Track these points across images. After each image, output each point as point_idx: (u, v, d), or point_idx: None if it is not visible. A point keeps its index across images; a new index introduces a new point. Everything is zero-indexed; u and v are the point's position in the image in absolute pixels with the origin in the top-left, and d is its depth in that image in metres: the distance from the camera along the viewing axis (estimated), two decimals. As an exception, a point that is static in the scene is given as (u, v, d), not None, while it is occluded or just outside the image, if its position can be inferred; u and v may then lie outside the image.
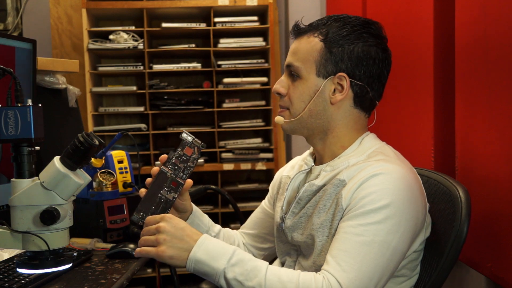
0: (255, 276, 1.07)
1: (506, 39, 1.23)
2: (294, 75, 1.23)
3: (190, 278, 3.09)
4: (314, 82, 1.21)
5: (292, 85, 1.24)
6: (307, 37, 1.23)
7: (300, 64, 1.22)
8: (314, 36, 1.22)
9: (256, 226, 1.48)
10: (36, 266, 1.07)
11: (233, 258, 1.09)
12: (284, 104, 1.26)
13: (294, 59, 1.23)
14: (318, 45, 1.21)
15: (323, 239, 1.16)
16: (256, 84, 3.13)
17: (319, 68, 1.21)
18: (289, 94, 1.24)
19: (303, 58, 1.22)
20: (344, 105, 1.22)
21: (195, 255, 1.09)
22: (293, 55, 1.24)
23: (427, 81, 1.65)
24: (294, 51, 1.24)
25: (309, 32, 1.24)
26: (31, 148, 1.07)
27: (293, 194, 1.29)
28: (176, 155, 1.25)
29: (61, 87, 2.00)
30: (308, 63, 1.21)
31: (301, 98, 1.22)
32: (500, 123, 1.26)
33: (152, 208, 1.23)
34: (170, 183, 1.24)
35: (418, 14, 1.71)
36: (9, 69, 1.08)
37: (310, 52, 1.21)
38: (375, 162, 1.15)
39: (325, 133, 1.24)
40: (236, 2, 3.03)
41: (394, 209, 1.08)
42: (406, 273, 1.21)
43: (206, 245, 1.10)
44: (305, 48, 1.22)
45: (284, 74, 1.27)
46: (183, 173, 1.25)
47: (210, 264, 1.09)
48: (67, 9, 3.25)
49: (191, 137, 1.26)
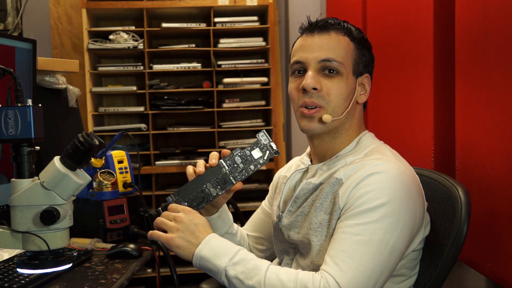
0: (256, 275, 1.07)
1: (506, 39, 1.23)
2: (332, 71, 1.19)
3: (190, 278, 3.09)
4: (352, 80, 1.22)
5: (329, 81, 1.19)
6: (336, 35, 1.21)
7: (343, 60, 1.20)
8: (342, 34, 1.22)
9: (256, 228, 1.48)
10: (36, 266, 1.07)
11: (236, 257, 1.10)
12: (320, 101, 1.19)
13: (335, 55, 1.19)
14: (351, 44, 1.22)
15: (321, 239, 1.16)
16: (256, 84, 3.13)
17: (355, 67, 1.22)
18: (327, 90, 1.18)
19: (343, 54, 1.20)
20: (361, 105, 1.26)
21: (201, 251, 1.11)
22: (331, 51, 1.19)
23: (427, 81, 1.65)
24: (331, 46, 1.19)
25: (336, 29, 1.22)
26: (31, 148, 1.06)
27: (290, 193, 1.29)
28: (240, 154, 1.18)
29: (61, 87, 2.00)
30: (347, 61, 1.21)
31: (342, 95, 1.20)
32: (500, 123, 1.26)
33: (190, 196, 1.19)
34: (221, 179, 1.18)
35: (418, 14, 1.71)
36: (9, 69, 1.08)
37: (347, 50, 1.21)
38: (372, 161, 1.15)
39: (341, 131, 1.23)
40: (236, 2, 3.03)
41: (391, 207, 1.08)
42: (405, 273, 1.21)
43: (211, 243, 1.12)
44: (341, 45, 1.21)
45: (311, 70, 1.19)
46: (238, 174, 1.18)
47: (213, 261, 1.10)
48: (67, 9, 3.25)
49: (267, 140, 1.17)
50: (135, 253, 1.50)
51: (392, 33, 1.97)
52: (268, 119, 3.21)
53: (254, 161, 1.17)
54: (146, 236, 1.62)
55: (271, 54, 3.08)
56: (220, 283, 1.13)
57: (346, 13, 2.59)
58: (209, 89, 3.12)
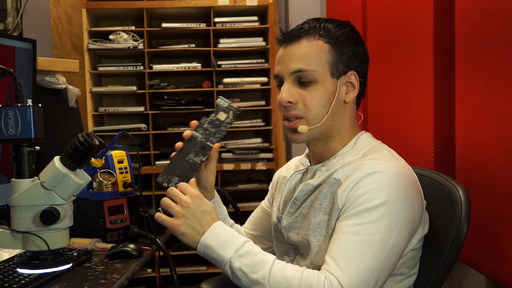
0: (260, 269, 1.07)
1: (507, 39, 1.23)
2: (305, 81, 1.19)
3: (190, 278, 3.09)
4: (331, 83, 1.19)
5: (304, 92, 1.19)
6: (308, 41, 1.20)
7: (314, 68, 1.18)
8: (315, 38, 1.20)
9: (256, 227, 1.48)
10: (36, 266, 1.07)
11: (242, 248, 1.09)
12: (298, 113, 1.19)
13: (304, 64, 1.18)
14: (325, 46, 1.19)
15: (321, 239, 1.16)
16: (256, 84, 3.13)
17: (333, 69, 1.19)
18: (304, 101, 1.19)
19: (315, 61, 1.18)
20: (351, 103, 1.24)
21: (206, 240, 1.11)
22: (301, 60, 1.19)
23: (427, 81, 1.65)
24: (301, 56, 1.19)
25: (307, 35, 1.20)
26: (31, 148, 1.06)
27: (289, 194, 1.30)
28: (208, 120, 1.24)
29: (61, 87, 2.00)
30: (321, 66, 1.19)
31: (321, 102, 1.19)
32: (500, 123, 1.26)
33: (177, 170, 1.22)
34: (199, 147, 1.23)
35: (418, 14, 1.71)
36: (9, 69, 1.08)
37: (320, 54, 1.19)
38: (370, 161, 1.15)
39: (333, 134, 1.23)
40: (236, 2, 3.03)
41: (390, 207, 1.08)
42: (405, 272, 1.21)
43: (218, 231, 1.11)
44: (312, 51, 1.19)
45: (286, 82, 1.20)
46: (213, 137, 1.23)
47: (218, 251, 1.10)
48: (67, 9, 3.25)
49: (227, 102, 1.24)
50: (135, 253, 1.50)
51: (392, 33, 1.97)
52: (268, 119, 3.21)
53: (222, 122, 1.24)
54: (146, 236, 1.62)
55: (271, 54, 3.08)
56: (220, 283, 1.13)
57: (346, 13, 2.59)
58: (209, 89, 3.12)
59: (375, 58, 2.13)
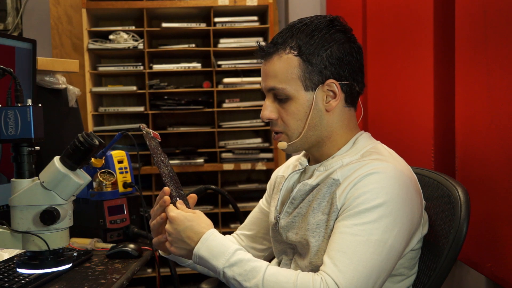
0: (253, 277, 1.07)
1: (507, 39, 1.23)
2: (281, 98, 1.20)
3: (190, 278, 3.09)
4: (306, 97, 1.18)
5: (281, 108, 1.20)
6: (279, 56, 1.19)
7: (285, 85, 1.18)
8: (286, 53, 1.18)
9: (254, 227, 1.48)
10: (36, 266, 1.07)
11: (233, 257, 1.10)
12: (279, 128, 1.22)
13: (276, 82, 1.18)
14: (295, 60, 1.18)
15: (319, 240, 1.16)
16: (256, 84, 3.13)
17: (306, 83, 1.18)
18: (281, 117, 1.20)
19: (285, 78, 1.18)
20: (337, 108, 1.21)
21: (198, 251, 1.12)
22: (273, 78, 1.19)
23: (427, 80, 1.65)
24: (272, 74, 1.19)
25: (278, 51, 1.19)
26: (31, 148, 1.07)
27: (287, 194, 1.29)
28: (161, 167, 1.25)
29: (61, 87, 2.00)
30: (293, 81, 1.18)
31: (297, 117, 1.19)
32: (500, 123, 1.26)
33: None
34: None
35: (418, 14, 1.71)
36: (9, 69, 1.08)
37: (290, 70, 1.18)
38: (369, 161, 1.14)
39: (323, 141, 1.23)
40: (236, 2, 3.03)
41: (389, 207, 1.08)
42: (404, 272, 1.21)
43: (209, 242, 1.12)
44: (283, 68, 1.18)
45: (267, 99, 1.22)
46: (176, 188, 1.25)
47: (211, 262, 1.11)
48: (67, 9, 3.25)
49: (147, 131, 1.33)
50: (135, 253, 1.50)
51: (392, 32, 1.97)
52: (268, 119, 3.21)
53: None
54: (146, 236, 1.62)
55: (271, 54, 3.07)
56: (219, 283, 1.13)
57: (346, 13, 2.59)
58: (209, 89, 3.12)
59: (375, 57, 2.13)
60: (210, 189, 2.29)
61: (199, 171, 3.12)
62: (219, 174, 3.12)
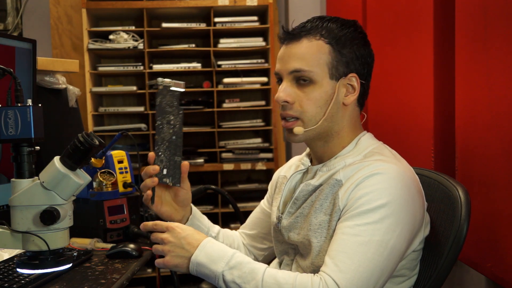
0: (253, 279, 1.07)
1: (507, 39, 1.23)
2: (303, 81, 1.18)
3: (190, 278, 3.09)
4: (329, 85, 1.18)
5: (301, 92, 1.18)
6: (308, 40, 1.19)
7: (312, 68, 1.17)
8: (316, 39, 1.18)
9: (255, 226, 1.48)
10: (36, 266, 1.07)
11: (232, 260, 1.10)
12: (294, 113, 1.19)
13: (303, 64, 1.17)
14: (325, 47, 1.18)
15: (321, 240, 1.16)
16: (256, 84, 3.13)
17: (332, 71, 1.18)
18: (299, 102, 1.18)
19: (313, 62, 1.17)
20: (352, 104, 1.23)
21: (197, 258, 1.12)
22: (300, 60, 1.18)
23: (427, 80, 1.65)
24: (300, 56, 1.18)
25: (308, 34, 1.19)
26: (31, 148, 1.07)
27: (289, 194, 1.29)
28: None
29: (61, 87, 2.00)
30: (320, 67, 1.17)
31: (318, 104, 1.18)
32: (500, 123, 1.26)
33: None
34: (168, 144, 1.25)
35: (418, 14, 1.71)
36: (9, 69, 1.08)
37: (319, 55, 1.18)
38: (372, 162, 1.14)
39: (331, 135, 1.22)
40: (236, 2, 3.03)
41: (391, 208, 1.08)
42: (405, 273, 1.21)
43: (207, 248, 1.12)
44: (312, 52, 1.18)
45: (285, 81, 1.20)
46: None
47: (209, 267, 1.10)
48: (67, 9, 3.25)
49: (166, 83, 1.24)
50: (135, 253, 1.50)
51: (392, 33, 1.97)
52: (268, 119, 3.21)
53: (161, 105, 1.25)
54: (146, 236, 1.62)
55: (271, 54, 3.08)
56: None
57: (346, 13, 2.59)
58: (209, 89, 3.12)
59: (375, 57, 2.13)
60: (210, 189, 2.29)
61: (199, 171, 3.12)
62: (219, 174, 3.12)
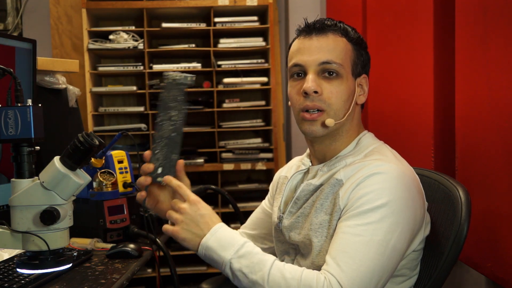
0: (260, 270, 1.07)
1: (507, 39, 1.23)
2: (329, 74, 1.19)
3: (190, 278, 3.09)
4: (352, 81, 1.22)
5: (328, 84, 1.18)
6: (334, 36, 1.21)
7: (342, 62, 1.19)
8: (340, 36, 1.22)
9: (256, 227, 1.48)
10: (36, 266, 1.07)
11: (242, 249, 1.09)
12: (321, 104, 1.18)
13: (333, 56, 1.18)
14: (349, 45, 1.22)
15: (322, 240, 1.16)
16: (256, 84, 3.13)
17: (353, 68, 1.22)
18: (326, 94, 1.18)
19: (342, 55, 1.20)
20: (359, 105, 1.27)
21: (207, 241, 1.11)
22: (331, 52, 1.19)
23: (427, 80, 1.65)
24: (331, 48, 1.19)
25: (333, 31, 1.22)
26: (31, 148, 1.07)
27: (290, 194, 1.29)
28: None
29: (61, 87, 2.00)
30: (346, 62, 1.20)
31: (343, 97, 1.19)
32: (500, 123, 1.26)
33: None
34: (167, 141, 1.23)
35: (418, 11, 1.71)
36: (9, 69, 1.08)
37: (345, 51, 1.21)
38: (373, 162, 1.15)
39: (341, 133, 1.23)
40: (236, 2, 3.03)
41: (391, 208, 1.08)
42: (406, 273, 1.21)
43: (219, 233, 1.11)
44: (340, 47, 1.20)
45: (311, 74, 1.19)
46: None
47: (218, 252, 1.10)
48: (67, 9, 3.25)
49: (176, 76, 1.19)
50: (135, 253, 1.50)
51: (392, 33, 1.97)
52: (268, 119, 3.21)
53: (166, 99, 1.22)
54: (146, 236, 1.62)
55: (271, 54, 3.08)
56: (220, 283, 1.13)
57: (346, 13, 2.59)
58: (209, 89, 3.12)
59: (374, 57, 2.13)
60: (210, 189, 2.29)
61: (199, 171, 3.12)
62: (219, 174, 3.12)
